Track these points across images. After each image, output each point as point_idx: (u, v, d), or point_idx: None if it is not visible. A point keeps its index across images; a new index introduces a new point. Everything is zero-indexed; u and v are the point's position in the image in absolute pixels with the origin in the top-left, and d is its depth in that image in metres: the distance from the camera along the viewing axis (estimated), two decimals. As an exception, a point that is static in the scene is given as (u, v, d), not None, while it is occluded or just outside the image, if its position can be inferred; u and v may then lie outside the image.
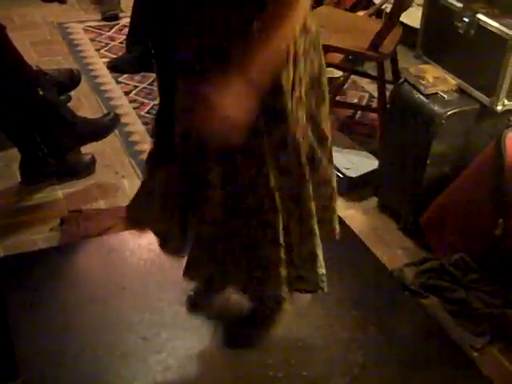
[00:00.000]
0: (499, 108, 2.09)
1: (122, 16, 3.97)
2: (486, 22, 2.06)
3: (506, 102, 2.09)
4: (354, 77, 3.36)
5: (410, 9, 2.70)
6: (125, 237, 2.24)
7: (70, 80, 2.96)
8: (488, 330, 1.96)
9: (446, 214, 2.20)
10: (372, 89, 3.27)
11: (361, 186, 2.57)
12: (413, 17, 3.08)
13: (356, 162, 2.62)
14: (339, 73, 3.23)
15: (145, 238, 2.21)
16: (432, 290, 2.09)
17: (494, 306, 2.01)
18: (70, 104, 2.86)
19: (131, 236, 2.24)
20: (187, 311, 1.96)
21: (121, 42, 3.65)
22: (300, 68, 1.42)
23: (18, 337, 1.82)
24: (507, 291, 2.04)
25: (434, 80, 2.20)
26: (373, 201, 2.53)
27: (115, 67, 3.39)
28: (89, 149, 2.59)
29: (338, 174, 2.54)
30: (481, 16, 2.08)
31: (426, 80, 2.20)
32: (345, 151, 2.67)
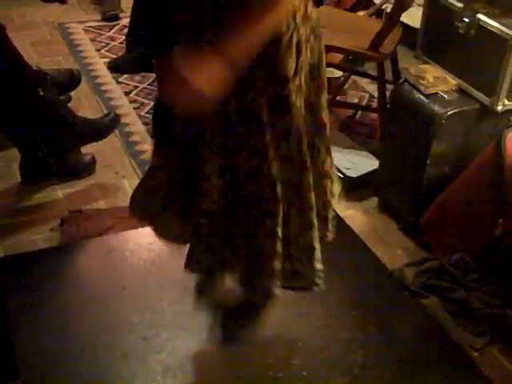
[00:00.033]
0: (499, 108, 2.09)
1: (122, 16, 3.96)
2: (486, 22, 2.06)
3: (506, 102, 2.09)
4: (355, 77, 3.36)
5: (410, 9, 2.70)
6: (125, 237, 2.24)
7: (71, 80, 2.96)
8: (488, 330, 1.96)
9: (446, 214, 2.20)
10: (372, 89, 3.27)
11: (361, 185, 2.57)
12: (413, 17, 3.08)
13: (356, 162, 2.62)
14: (339, 73, 3.23)
15: (145, 238, 2.22)
16: (432, 290, 2.09)
17: (494, 306, 2.00)
18: (70, 104, 2.86)
19: (131, 236, 2.24)
20: (195, 298, 1.96)
21: (121, 42, 3.64)
22: (302, 57, 1.40)
23: (18, 337, 1.81)
24: (507, 291, 2.04)
25: (434, 80, 2.20)
26: (373, 201, 2.53)
27: (115, 67, 3.39)
28: (89, 149, 2.59)
29: (339, 174, 2.54)
30: (481, 16, 2.08)
31: (426, 80, 2.20)
32: (345, 151, 2.67)
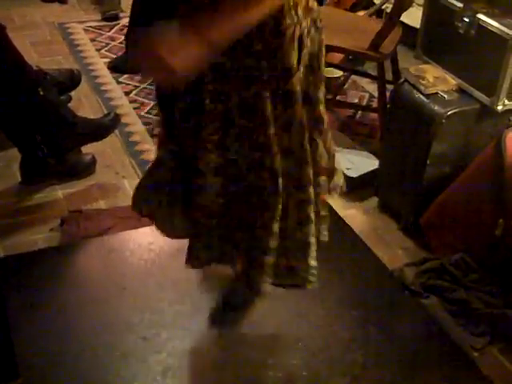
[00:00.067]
0: (499, 108, 2.09)
1: (122, 16, 3.96)
2: (486, 22, 2.06)
3: (507, 102, 2.09)
4: (355, 77, 3.36)
5: (410, 9, 2.70)
6: (125, 237, 2.24)
7: (71, 80, 2.96)
8: (488, 330, 1.96)
9: (446, 214, 2.20)
10: (372, 89, 3.27)
11: (361, 185, 2.57)
12: (413, 17, 3.08)
13: (356, 162, 2.61)
14: (339, 73, 3.23)
15: (145, 238, 2.22)
16: (432, 290, 2.09)
17: (494, 306, 2.00)
18: (70, 104, 2.86)
19: (131, 236, 2.24)
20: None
21: (121, 42, 3.64)
22: (304, 50, 1.40)
23: (18, 337, 1.81)
24: (507, 291, 2.04)
25: (434, 80, 2.20)
26: (373, 201, 2.53)
27: (115, 67, 3.38)
28: (89, 149, 2.59)
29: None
30: (481, 16, 2.07)
31: (426, 80, 2.20)
32: (345, 151, 2.67)
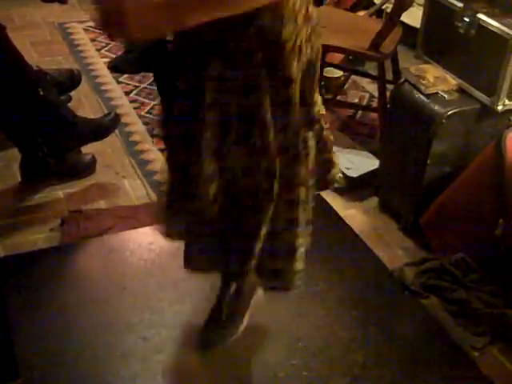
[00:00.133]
0: (500, 108, 2.09)
1: (122, 16, 3.96)
2: (486, 22, 2.06)
3: (507, 102, 2.09)
4: (355, 77, 3.36)
5: (410, 8, 2.70)
6: (125, 237, 2.24)
7: (71, 80, 2.96)
8: (488, 330, 1.96)
9: (446, 214, 2.20)
10: (372, 89, 3.27)
11: (361, 185, 2.57)
12: (413, 17, 3.08)
13: (356, 162, 2.62)
14: (339, 73, 3.23)
15: (145, 238, 2.22)
16: (432, 290, 2.09)
17: (494, 306, 2.00)
18: (70, 104, 2.86)
19: (131, 236, 2.24)
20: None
21: (121, 42, 3.64)
22: (303, 57, 1.40)
23: (18, 337, 1.81)
24: (507, 291, 2.04)
25: (435, 80, 2.20)
26: (373, 201, 2.53)
27: (115, 67, 3.39)
28: (89, 149, 2.59)
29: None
30: (481, 16, 2.07)
31: (426, 80, 2.20)
32: (345, 151, 2.67)
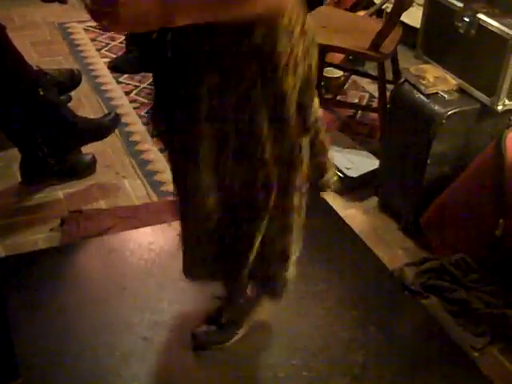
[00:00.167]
0: (500, 108, 2.09)
1: (122, 16, 3.96)
2: (486, 22, 2.06)
3: (507, 102, 2.08)
4: (355, 77, 3.36)
5: (410, 8, 2.70)
6: (125, 237, 2.24)
7: (71, 80, 2.96)
8: (488, 330, 1.96)
9: (447, 214, 2.20)
10: (372, 89, 3.27)
11: (361, 185, 2.57)
12: (413, 17, 3.08)
13: (356, 162, 2.62)
14: (339, 73, 3.23)
15: (145, 238, 2.22)
16: (432, 290, 2.09)
17: (494, 307, 2.00)
18: (70, 104, 2.86)
19: (131, 236, 2.24)
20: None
21: (121, 42, 3.64)
22: (299, 72, 1.39)
23: (18, 337, 1.81)
24: (507, 291, 2.04)
25: (435, 80, 2.20)
26: (373, 200, 2.53)
27: (116, 67, 3.39)
28: (89, 149, 2.59)
29: (339, 174, 2.55)
30: (481, 16, 2.07)
31: (426, 80, 2.19)
32: (345, 151, 2.67)
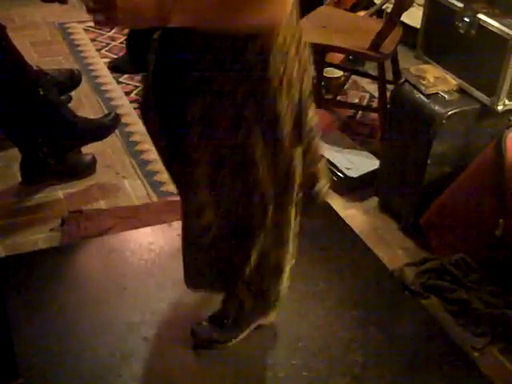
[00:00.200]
0: (500, 108, 2.09)
1: (122, 16, 3.95)
2: (486, 22, 2.05)
3: (507, 102, 2.08)
4: (355, 77, 3.36)
5: (410, 9, 2.71)
6: (125, 237, 2.24)
7: (71, 80, 2.96)
8: (488, 330, 1.96)
9: (447, 214, 2.20)
10: (373, 89, 3.27)
11: (361, 185, 2.57)
12: (413, 17, 3.08)
13: (357, 162, 2.62)
14: (340, 73, 3.23)
15: (145, 238, 2.22)
16: (432, 290, 2.09)
17: (494, 306, 2.01)
18: (70, 104, 2.86)
19: (132, 236, 2.24)
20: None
21: (121, 42, 3.65)
22: (294, 93, 1.38)
23: (18, 337, 1.81)
24: (507, 291, 2.04)
25: (435, 80, 2.20)
26: (373, 201, 2.53)
27: (116, 67, 3.39)
28: (89, 149, 2.59)
29: (339, 174, 2.55)
30: (481, 16, 2.07)
31: (426, 80, 2.19)
32: (345, 151, 2.67)
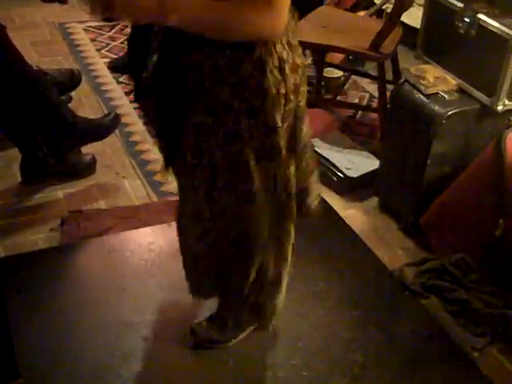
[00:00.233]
0: (499, 108, 2.09)
1: (122, 16, 3.95)
2: (486, 22, 2.05)
3: (507, 102, 2.08)
4: (355, 77, 3.36)
5: (410, 9, 2.71)
6: (125, 237, 2.24)
7: (71, 80, 2.96)
8: (488, 330, 1.96)
9: (447, 214, 2.20)
10: (373, 89, 3.27)
11: (361, 185, 2.57)
12: (413, 17, 3.08)
13: (357, 162, 2.62)
14: (340, 73, 3.24)
15: (145, 238, 2.22)
16: (432, 290, 2.09)
17: (494, 307, 2.00)
18: (70, 104, 2.86)
19: (131, 236, 2.24)
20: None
21: (121, 43, 3.65)
22: (290, 105, 1.38)
23: (18, 337, 1.82)
24: (507, 291, 2.04)
25: (435, 80, 2.20)
26: (373, 201, 2.53)
27: (116, 67, 3.38)
28: (89, 149, 2.59)
29: (339, 174, 2.55)
30: (481, 16, 2.07)
31: (426, 80, 2.19)
32: (345, 151, 2.67)
